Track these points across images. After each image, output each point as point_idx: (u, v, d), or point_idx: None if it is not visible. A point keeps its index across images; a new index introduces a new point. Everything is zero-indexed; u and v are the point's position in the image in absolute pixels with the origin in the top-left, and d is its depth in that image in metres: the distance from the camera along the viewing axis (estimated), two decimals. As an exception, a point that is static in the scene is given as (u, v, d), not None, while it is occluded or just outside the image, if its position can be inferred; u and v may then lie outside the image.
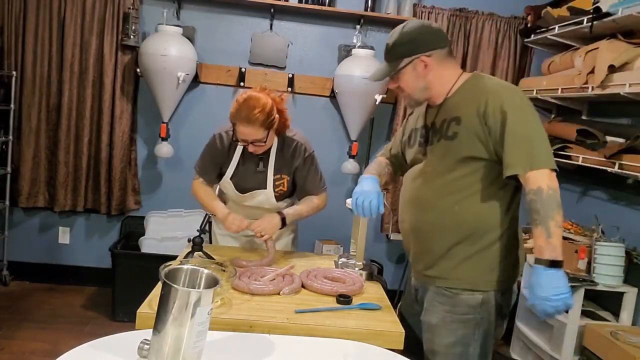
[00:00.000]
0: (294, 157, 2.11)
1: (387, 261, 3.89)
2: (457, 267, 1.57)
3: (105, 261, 3.49)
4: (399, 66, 1.57)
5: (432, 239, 1.60)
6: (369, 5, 3.56)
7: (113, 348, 1.20)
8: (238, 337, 1.37)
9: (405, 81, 1.59)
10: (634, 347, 2.22)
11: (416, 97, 1.62)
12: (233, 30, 3.62)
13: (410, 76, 1.58)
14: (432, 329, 1.61)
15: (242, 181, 2.14)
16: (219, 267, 1.70)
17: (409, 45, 1.56)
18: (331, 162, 3.66)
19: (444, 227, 1.57)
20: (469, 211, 1.54)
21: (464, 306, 1.55)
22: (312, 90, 3.67)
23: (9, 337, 2.90)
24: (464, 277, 1.56)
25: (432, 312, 1.61)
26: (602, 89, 2.64)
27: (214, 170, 2.17)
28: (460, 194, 1.54)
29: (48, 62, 3.44)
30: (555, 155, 3.15)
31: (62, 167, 3.49)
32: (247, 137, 1.98)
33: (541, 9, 3.37)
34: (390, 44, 1.59)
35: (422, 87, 1.59)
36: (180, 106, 3.61)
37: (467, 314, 1.55)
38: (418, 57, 1.55)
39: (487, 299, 1.55)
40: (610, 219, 2.81)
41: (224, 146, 2.12)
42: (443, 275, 1.59)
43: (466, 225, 1.54)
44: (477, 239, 1.54)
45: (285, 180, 2.15)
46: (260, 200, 2.15)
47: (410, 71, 1.57)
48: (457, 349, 1.57)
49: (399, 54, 1.57)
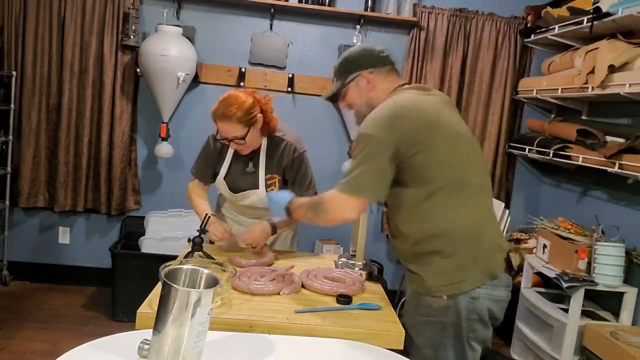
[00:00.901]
0: (282, 156, 2.14)
1: (387, 261, 3.89)
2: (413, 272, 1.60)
3: (105, 261, 3.49)
4: (345, 82, 1.69)
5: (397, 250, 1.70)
6: (369, 5, 3.56)
7: (113, 348, 1.20)
8: (238, 337, 1.37)
9: (350, 97, 1.71)
10: (634, 347, 2.22)
11: (362, 111, 1.69)
12: (233, 30, 3.63)
13: (354, 92, 1.70)
14: (407, 330, 1.62)
15: (235, 181, 2.17)
16: (219, 267, 1.70)
17: (351, 63, 1.71)
18: (331, 162, 3.65)
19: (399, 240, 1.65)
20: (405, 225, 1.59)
21: (428, 308, 1.55)
22: (312, 90, 3.67)
23: (9, 337, 2.90)
24: (420, 282, 1.57)
25: (406, 313, 1.64)
26: (602, 89, 2.64)
27: (208, 171, 2.22)
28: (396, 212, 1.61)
29: (48, 62, 3.44)
30: (555, 155, 3.19)
31: (62, 167, 3.49)
32: (226, 134, 2.03)
33: (541, 9, 3.38)
34: (337, 64, 1.74)
35: (366, 102, 1.68)
36: (180, 106, 3.61)
37: (432, 315, 1.54)
38: (360, 74, 1.67)
39: (454, 303, 1.52)
40: (610, 219, 2.82)
41: (216, 147, 2.17)
42: (408, 279, 1.65)
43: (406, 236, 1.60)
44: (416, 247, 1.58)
45: (277, 180, 2.17)
46: (253, 200, 2.17)
47: (354, 87, 1.69)
48: (427, 351, 1.56)
49: (344, 71, 1.70)
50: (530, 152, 3.35)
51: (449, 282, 1.53)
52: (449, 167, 1.54)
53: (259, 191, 2.14)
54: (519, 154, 3.59)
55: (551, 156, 3.10)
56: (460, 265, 1.53)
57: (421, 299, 1.57)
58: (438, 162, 1.53)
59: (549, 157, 3.12)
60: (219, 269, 1.68)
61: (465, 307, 1.53)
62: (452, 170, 1.55)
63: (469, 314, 1.53)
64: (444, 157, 1.54)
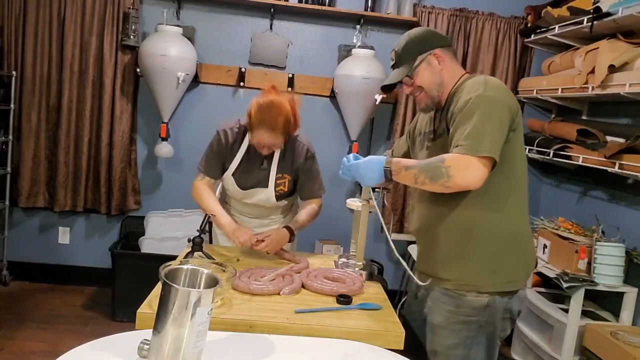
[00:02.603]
0: (296, 157, 2.13)
1: (387, 261, 3.89)
2: (461, 268, 1.57)
3: (105, 261, 3.49)
4: (414, 64, 1.60)
5: (436, 240, 1.61)
6: (369, 5, 3.56)
7: (113, 348, 1.20)
8: (238, 337, 1.37)
9: (422, 78, 1.61)
10: (634, 347, 2.22)
11: (433, 94, 1.62)
12: (233, 30, 3.62)
13: (426, 72, 1.61)
14: (434, 329, 1.61)
15: (244, 178, 2.14)
16: (219, 267, 1.70)
17: (420, 43, 1.62)
18: (331, 162, 3.63)
19: (446, 228, 1.58)
20: (467, 211, 1.54)
21: (468, 308, 1.55)
22: (312, 90, 3.67)
23: (9, 337, 2.90)
24: (467, 278, 1.56)
25: (435, 312, 1.61)
26: (602, 89, 2.64)
27: (218, 167, 2.15)
28: (458, 195, 1.51)
29: (48, 62, 3.44)
30: (555, 155, 3.19)
31: (62, 167, 3.49)
32: (265, 142, 1.98)
33: (541, 9, 3.38)
34: (399, 48, 1.64)
35: (438, 82, 1.61)
36: (180, 106, 3.61)
37: (471, 315, 1.55)
38: (431, 52, 1.60)
39: (493, 302, 1.54)
40: (610, 219, 2.81)
41: (228, 142, 2.12)
42: (447, 277, 1.59)
43: (465, 226, 1.55)
44: (476, 240, 1.55)
45: (287, 180, 2.15)
46: (260, 199, 2.15)
47: (426, 67, 1.61)
48: (458, 350, 1.56)
49: (413, 53, 1.61)
50: (531, 152, 3.35)
51: (504, 281, 1.55)
52: (523, 160, 1.57)
53: (267, 190, 2.13)
54: (519, 154, 3.58)
55: (551, 156, 3.10)
56: (515, 265, 1.57)
57: (462, 299, 1.55)
58: (520, 150, 1.54)
59: (549, 157, 3.12)
60: (219, 269, 1.68)
61: (502, 307, 1.55)
62: (524, 165, 1.58)
63: (504, 313, 1.56)
64: (521, 148, 1.56)
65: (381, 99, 3.39)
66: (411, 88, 1.64)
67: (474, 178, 1.39)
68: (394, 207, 3.68)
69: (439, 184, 1.42)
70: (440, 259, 1.60)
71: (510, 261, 1.56)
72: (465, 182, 1.40)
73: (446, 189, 1.43)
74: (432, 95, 1.62)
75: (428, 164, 1.46)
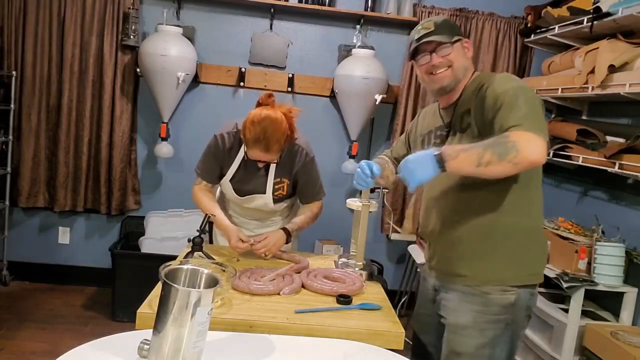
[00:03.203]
0: (295, 161, 2.09)
1: (387, 261, 3.89)
2: (484, 263, 1.56)
3: (105, 261, 3.49)
4: (453, 38, 1.58)
5: (458, 239, 1.60)
6: (369, 5, 3.57)
7: (113, 348, 1.20)
8: (238, 337, 1.37)
9: (456, 55, 1.59)
10: (634, 347, 2.22)
11: (458, 75, 1.59)
12: (233, 30, 3.63)
13: (460, 53, 1.60)
14: (458, 330, 1.59)
15: (242, 184, 2.12)
16: (219, 267, 1.70)
17: (456, 26, 1.65)
18: (331, 162, 3.66)
19: (469, 226, 1.57)
20: (489, 204, 1.54)
21: (496, 306, 1.54)
22: (312, 90, 3.67)
23: (9, 337, 2.90)
24: (491, 273, 1.56)
25: (460, 312, 1.59)
26: (602, 89, 2.64)
27: (215, 171, 2.15)
28: (480, 188, 1.52)
29: (48, 62, 3.44)
30: (555, 155, 3.18)
31: (62, 167, 3.49)
32: (260, 159, 1.97)
33: (541, 9, 3.37)
34: (438, 20, 1.61)
35: (465, 67, 1.61)
36: (180, 106, 3.61)
37: (499, 314, 1.54)
38: (462, 39, 1.62)
39: (518, 299, 1.55)
40: (610, 219, 2.81)
41: (225, 147, 2.09)
42: (472, 274, 1.58)
43: (487, 222, 1.55)
44: (500, 233, 1.55)
45: (286, 184, 2.13)
46: (258, 204, 2.14)
47: (459, 48, 1.60)
48: (486, 350, 1.56)
49: (452, 29, 1.61)
50: (530, 152, 3.35)
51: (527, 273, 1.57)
52: None
53: (265, 196, 2.11)
54: (519, 154, 3.58)
55: (551, 156, 3.10)
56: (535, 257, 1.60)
57: (488, 297, 1.55)
58: None
59: (549, 157, 3.12)
60: (219, 269, 1.68)
61: (526, 304, 1.57)
62: None
63: (527, 310, 1.59)
64: None
65: (381, 99, 3.40)
66: (442, 59, 1.58)
67: (541, 153, 1.34)
68: (393, 207, 3.68)
69: (507, 160, 1.33)
70: (462, 257, 1.59)
71: (532, 253, 1.58)
72: (534, 156, 1.33)
73: (513, 167, 1.34)
74: (457, 76, 1.59)
75: (491, 141, 1.37)
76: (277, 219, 2.28)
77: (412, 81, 3.60)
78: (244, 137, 1.93)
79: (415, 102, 3.63)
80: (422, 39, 1.57)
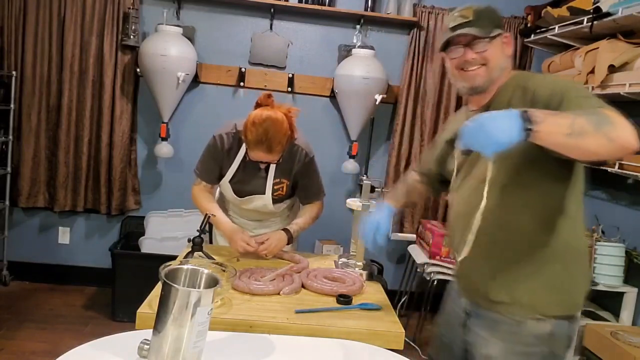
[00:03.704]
0: (294, 161, 2.09)
1: (387, 261, 3.89)
2: (524, 289, 1.35)
3: (105, 261, 3.49)
4: (492, 34, 1.38)
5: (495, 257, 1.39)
6: (369, 5, 3.56)
7: (113, 348, 1.20)
8: (238, 337, 1.37)
9: (493, 52, 1.38)
10: (634, 347, 2.22)
11: (493, 75, 1.38)
12: (233, 30, 3.62)
13: (498, 50, 1.39)
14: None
15: (241, 185, 2.12)
16: (219, 267, 1.70)
17: (498, 17, 1.43)
18: (331, 162, 3.66)
19: (509, 243, 1.36)
20: (534, 221, 1.34)
21: (529, 336, 1.35)
22: (312, 90, 3.67)
23: (9, 337, 2.90)
24: (527, 300, 1.35)
25: (489, 342, 1.40)
26: (602, 89, 2.64)
27: (214, 172, 2.14)
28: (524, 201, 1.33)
29: (48, 62, 3.44)
30: (555, 155, 3.16)
31: (62, 167, 3.49)
32: (262, 160, 1.96)
33: (541, 9, 3.37)
34: (478, 8, 1.39)
35: (502, 66, 1.39)
36: (180, 106, 3.61)
37: (533, 345, 1.35)
38: (504, 34, 1.41)
39: (555, 329, 1.35)
40: (610, 219, 2.81)
41: (224, 148, 2.08)
42: (508, 300, 1.36)
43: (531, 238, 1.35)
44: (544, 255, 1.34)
45: (285, 185, 2.13)
46: (257, 205, 2.14)
47: (499, 45, 1.39)
48: None
49: (493, 21, 1.40)
50: (530, 152, 3.35)
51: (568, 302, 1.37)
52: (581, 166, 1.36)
53: (264, 196, 2.10)
54: (519, 154, 3.58)
55: (551, 156, 3.10)
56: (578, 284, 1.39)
57: (522, 326, 1.35)
58: None
59: (549, 157, 3.12)
60: (219, 269, 1.68)
61: (566, 334, 1.37)
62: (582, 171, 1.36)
63: (567, 340, 1.39)
64: None
65: (381, 99, 3.40)
66: (476, 56, 1.36)
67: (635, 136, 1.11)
68: (394, 207, 3.68)
69: (603, 132, 1.09)
70: (498, 279, 1.38)
71: (576, 279, 1.39)
72: (627, 134, 1.10)
73: (609, 144, 1.09)
74: (492, 76, 1.38)
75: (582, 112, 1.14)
76: (277, 220, 2.28)
77: (412, 81, 3.60)
78: (246, 138, 1.92)
79: (415, 102, 3.63)
80: (457, 29, 1.36)
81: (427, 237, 3.29)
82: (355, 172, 3.64)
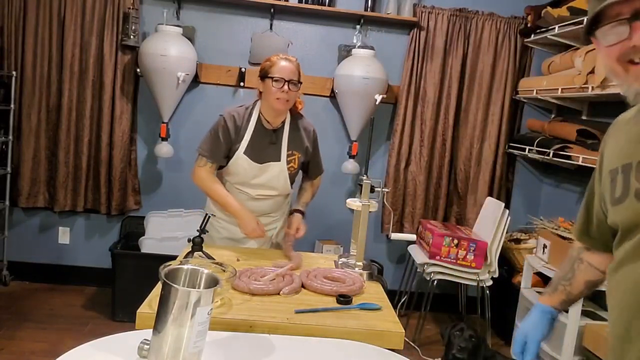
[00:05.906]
0: (305, 136, 2.23)
1: (387, 261, 3.89)
2: None
3: (105, 261, 3.49)
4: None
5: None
6: (369, 5, 3.56)
7: (113, 348, 1.20)
8: (238, 337, 1.37)
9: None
10: (634, 347, 2.22)
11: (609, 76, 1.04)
12: (233, 30, 3.63)
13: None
14: None
15: (256, 154, 2.14)
16: (219, 267, 1.70)
17: None
18: (331, 162, 3.65)
19: None
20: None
21: None
22: (312, 90, 3.67)
23: (9, 337, 2.90)
24: None
25: None
26: (602, 89, 2.64)
27: (224, 151, 2.14)
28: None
29: (48, 62, 3.44)
30: (555, 155, 3.19)
31: (62, 167, 3.49)
32: (286, 74, 2.06)
33: (541, 9, 3.38)
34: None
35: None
36: (180, 106, 3.61)
37: None
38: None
39: None
40: (610, 219, 2.81)
41: (236, 125, 2.12)
42: None
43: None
44: None
45: (297, 157, 2.21)
46: (273, 174, 2.16)
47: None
48: None
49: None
50: (530, 152, 3.35)
51: None
52: None
53: (280, 163, 2.16)
54: (519, 154, 3.59)
55: (551, 156, 3.10)
56: None
57: None
58: None
59: (549, 157, 3.12)
60: (219, 269, 1.68)
61: None
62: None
63: None
64: None
65: (381, 99, 3.40)
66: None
67: None
68: (394, 207, 3.69)
69: None
70: None
71: None
72: None
73: None
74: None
75: None
76: (277, 215, 2.31)
77: (412, 81, 3.61)
78: (270, 61, 2.09)
79: (415, 102, 3.63)
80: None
81: (427, 237, 3.29)
82: (355, 172, 3.64)
